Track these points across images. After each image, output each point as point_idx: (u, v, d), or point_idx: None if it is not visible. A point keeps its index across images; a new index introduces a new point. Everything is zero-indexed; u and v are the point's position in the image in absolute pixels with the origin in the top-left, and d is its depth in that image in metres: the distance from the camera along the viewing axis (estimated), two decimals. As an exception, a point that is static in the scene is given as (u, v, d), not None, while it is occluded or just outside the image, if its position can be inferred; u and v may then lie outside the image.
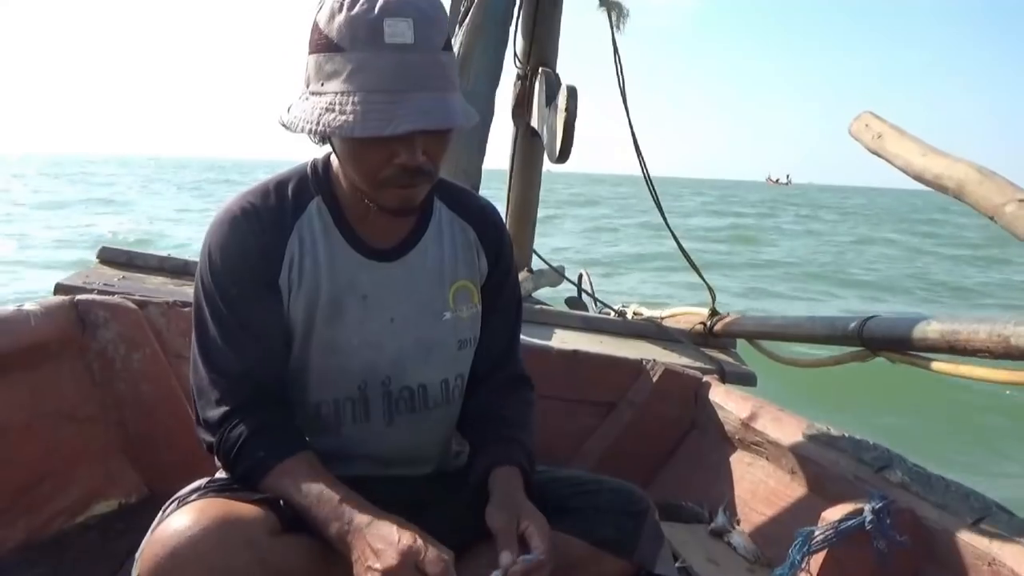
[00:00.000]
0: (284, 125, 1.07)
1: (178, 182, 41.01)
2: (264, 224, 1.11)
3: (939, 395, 5.17)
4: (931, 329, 1.49)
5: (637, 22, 2.97)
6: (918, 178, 1.43)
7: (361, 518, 0.99)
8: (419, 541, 0.97)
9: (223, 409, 1.08)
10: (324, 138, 1.07)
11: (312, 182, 1.15)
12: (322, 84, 1.01)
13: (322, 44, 1.00)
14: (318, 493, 1.02)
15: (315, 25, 1.02)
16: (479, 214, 1.27)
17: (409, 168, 1.02)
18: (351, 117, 0.98)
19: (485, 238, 1.25)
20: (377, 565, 0.95)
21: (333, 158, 1.14)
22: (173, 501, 1.06)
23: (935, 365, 1.56)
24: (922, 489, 1.38)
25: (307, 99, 1.03)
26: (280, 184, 1.15)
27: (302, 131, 1.03)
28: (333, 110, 0.99)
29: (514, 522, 1.06)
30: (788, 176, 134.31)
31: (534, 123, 3.16)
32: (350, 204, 1.14)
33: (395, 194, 1.06)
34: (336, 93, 0.99)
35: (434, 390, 1.19)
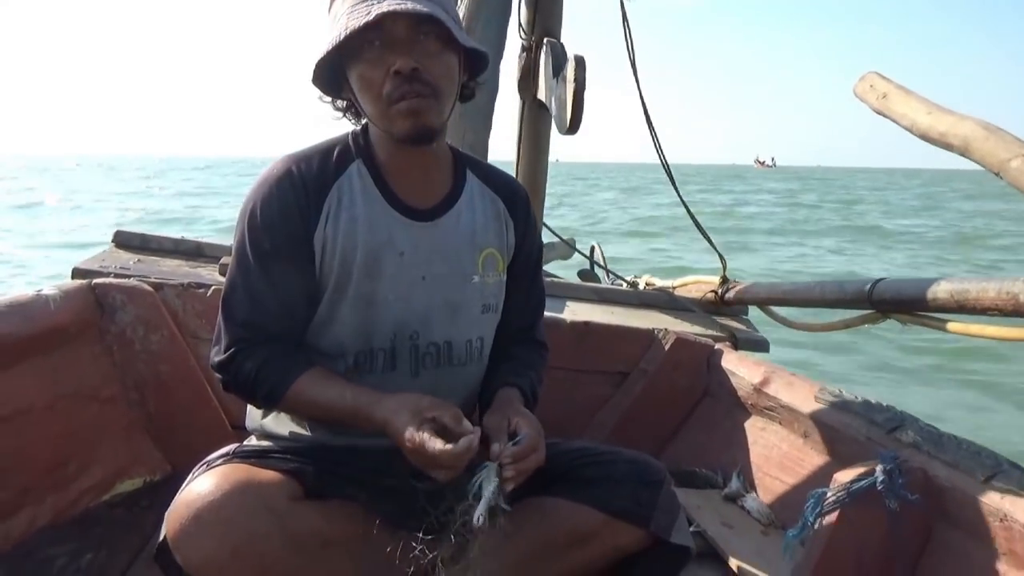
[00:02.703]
0: (312, 80, 1.17)
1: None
2: (307, 187, 1.16)
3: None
4: (940, 289, 1.49)
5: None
6: (924, 136, 1.42)
7: (376, 417, 1.07)
8: (418, 435, 1.01)
9: (230, 351, 1.14)
10: (352, 106, 1.18)
11: (353, 148, 1.22)
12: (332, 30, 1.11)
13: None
14: (330, 404, 1.11)
15: None
16: (507, 187, 1.32)
17: (404, 73, 1.07)
18: (341, 30, 1.07)
19: (514, 212, 1.30)
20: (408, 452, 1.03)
21: (371, 126, 1.20)
22: (202, 465, 1.11)
23: (945, 325, 1.56)
24: (933, 448, 1.38)
25: None
26: (325, 150, 1.21)
27: (314, 68, 1.13)
28: (332, 34, 1.08)
29: (504, 421, 1.11)
30: (773, 159, 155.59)
31: (541, 95, 3.13)
32: (388, 166, 1.20)
33: (401, 111, 1.10)
34: (335, 24, 1.10)
35: (459, 348, 1.23)
